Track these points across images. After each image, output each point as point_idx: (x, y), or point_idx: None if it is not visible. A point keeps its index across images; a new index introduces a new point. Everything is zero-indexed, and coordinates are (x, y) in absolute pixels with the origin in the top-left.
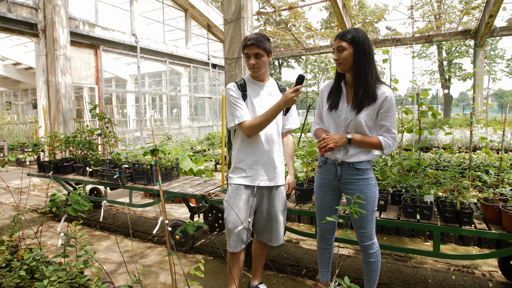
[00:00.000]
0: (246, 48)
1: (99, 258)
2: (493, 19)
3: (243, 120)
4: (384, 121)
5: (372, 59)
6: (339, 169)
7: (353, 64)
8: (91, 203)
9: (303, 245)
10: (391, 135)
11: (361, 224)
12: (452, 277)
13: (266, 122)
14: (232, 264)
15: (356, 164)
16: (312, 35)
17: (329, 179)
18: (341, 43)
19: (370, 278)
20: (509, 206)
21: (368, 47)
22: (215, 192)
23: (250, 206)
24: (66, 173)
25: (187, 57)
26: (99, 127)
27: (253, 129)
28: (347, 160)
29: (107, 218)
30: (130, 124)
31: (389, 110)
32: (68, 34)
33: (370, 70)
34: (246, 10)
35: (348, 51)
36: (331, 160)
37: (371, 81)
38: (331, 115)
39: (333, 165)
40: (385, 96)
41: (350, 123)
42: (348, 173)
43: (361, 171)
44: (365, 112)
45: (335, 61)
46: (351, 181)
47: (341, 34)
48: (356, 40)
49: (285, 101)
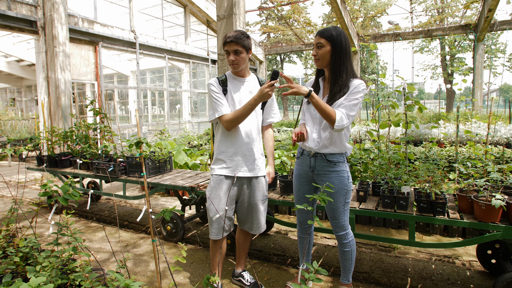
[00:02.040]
0: (226, 45)
1: (93, 248)
2: (492, 13)
3: (222, 114)
4: (347, 100)
5: (348, 56)
6: (313, 160)
7: (330, 61)
8: (82, 194)
9: (291, 236)
10: (349, 113)
11: (334, 215)
12: (432, 266)
13: (244, 116)
14: (215, 251)
15: (329, 156)
16: (312, 30)
17: (304, 170)
18: (320, 40)
19: (345, 266)
20: (480, 196)
21: (345, 45)
22: (205, 184)
23: (231, 196)
24: (64, 167)
25: (187, 53)
26: (93, 122)
27: (232, 122)
28: (320, 151)
29: (103, 210)
30: (131, 120)
31: (355, 94)
32: (67, 31)
33: (346, 66)
34: (238, 6)
35: (326, 48)
36: (306, 151)
37: (345, 77)
38: (308, 108)
39: (308, 156)
40: (355, 85)
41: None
42: (321, 164)
43: (333, 163)
44: (337, 102)
45: (314, 57)
46: (323, 173)
47: (321, 32)
48: (334, 38)
49: (261, 95)
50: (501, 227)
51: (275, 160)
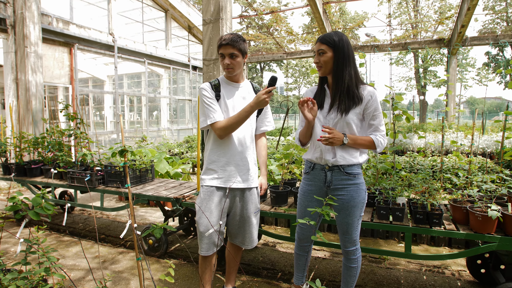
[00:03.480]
0: (221, 48)
1: (67, 265)
2: (464, 29)
3: (215, 121)
4: (372, 120)
5: (352, 62)
6: (329, 174)
7: (333, 68)
8: (56, 207)
9: (280, 248)
10: (381, 132)
11: (347, 229)
12: (424, 277)
13: (238, 124)
14: (204, 267)
15: (347, 168)
16: (293, 39)
17: (317, 185)
18: (321, 47)
19: (348, 282)
20: (476, 207)
21: (348, 51)
22: (190, 195)
23: (223, 208)
24: (33, 176)
25: (167, 59)
26: (69, 127)
27: (225, 130)
28: (337, 163)
29: (77, 222)
30: (107, 126)
31: (376, 109)
32: (40, 31)
33: (349, 72)
34: (225, 11)
35: (328, 54)
36: (319, 165)
37: (350, 84)
38: (321, 113)
39: (322, 171)
40: (370, 96)
41: (338, 123)
42: (339, 178)
43: (352, 175)
44: (352, 112)
45: (316, 64)
46: (341, 187)
47: (322, 38)
48: (336, 44)
49: (257, 102)
50: (497, 238)
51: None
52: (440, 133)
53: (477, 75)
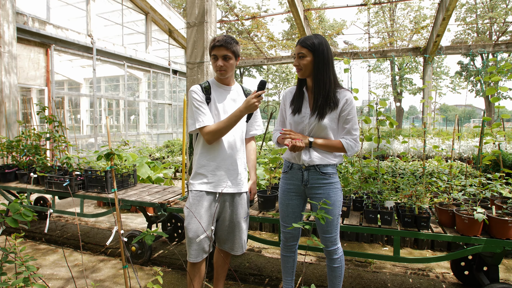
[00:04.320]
0: (214, 49)
1: (44, 274)
2: (440, 38)
3: (204, 125)
4: (345, 123)
5: (331, 65)
6: (306, 174)
7: (313, 71)
8: (35, 214)
9: (265, 253)
10: (353, 136)
11: (327, 229)
12: (410, 280)
13: (228, 128)
14: (193, 275)
15: (322, 168)
16: (274, 45)
17: (295, 184)
18: (301, 50)
19: (334, 284)
20: (462, 210)
21: (327, 54)
22: (175, 200)
23: (212, 213)
24: (7, 181)
25: (147, 62)
26: (47, 130)
27: (214, 135)
28: (313, 163)
29: (54, 230)
30: (83, 130)
31: (350, 112)
32: (14, 30)
33: (329, 76)
34: (210, 14)
35: (308, 58)
36: (297, 165)
37: (329, 87)
38: (294, 119)
39: (299, 170)
40: (345, 99)
41: (314, 128)
42: (315, 177)
43: (327, 175)
44: (328, 117)
45: (296, 67)
46: (317, 186)
47: (302, 41)
48: (316, 48)
49: (247, 106)
50: (482, 240)
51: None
52: (418, 139)
53: (451, 83)
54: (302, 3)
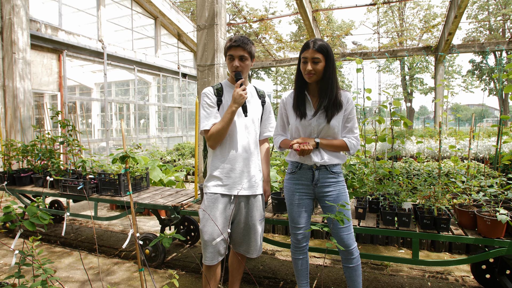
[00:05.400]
0: (231, 50)
1: (60, 277)
2: (452, 37)
3: (205, 128)
4: (347, 122)
5: (336, 69)
6: (317, 173)
7: (324, 75)
8: (51, 217)
9: (279, 256)
10: (354, 135)
11: (344, 228)
12: (428, 283)
13: (224, 129)
14: (209, 278)
15: (332, 167)
16: (282, 47)
17: (304, 184)
18: (316, 55)
19: (356, 282)
20: (483, 211)
21: (334, 60)
22: (188, 202)
23: (228, 216)
24: (23, 185)
25: (157, 66)
26: (61, 135)
27: (215, 139)
28: (326, 163)
29: (69, 233)
30: (95, 134)
31: (352, 111)
32: (28, 37)
33: (336, 80)
34: (220, 17)
35: (322, 63)
36: (306, 165)
37: (336, 91)
38: (301, 124)
39: (309, 170)
40: (347, 100)
41: (323, 129)
42: (325, 176)
43: (336, 174)
44: (336, 118)
45: (308, 72)
46: (327, 184)
47: (318, 47)
48: (329, 53)
49: (234, 100)
50: (506, 242)
51: None
52: (432, 139)
53: (463, 82)
54: (311, 4)
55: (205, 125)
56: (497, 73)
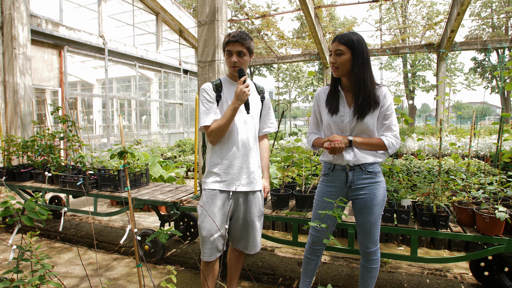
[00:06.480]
0: (229, 45)
1: (59, 272)
2: (454, 34)
3: (205, 124)
4: (385, 119)
5: (369, 64)
6: (351, 174)
7: (352, 70)
8: (50, 212)
9: (278, 252)
10: (393, 133)
11: (370, 229)
12: (427, 280)
13: (226, 125)
14: (207, 274)
15: (368, 166)
16: (284, 43)
17: (337, 186)
18: (339, 47)
19: (368, 284)
20: (482, 208)
21: (366, 53)
22: (188, 199)
23: (226, 212)
24: (23, 180)
25: (158, 62)
26: (61, 130)
27: (214, 136)
28: (359, 162)
29: (69, 228)
30: (96, 130)
31: (389, 108)
32: (28, 32)
33: (369, 75)
34: (221, 13)
35: (346, 55)
36: (340, 166)
37: (370, 87)
38: (333, 119)
39: (343, 171)
40: (384, 95)
41: (356, 127)
42: (361, 177)
43: (373, 174)
44: (370, 115)
45: (331, 64)
46: (363, 186)
47: (340, 37)
48: (355, 45)
49: (237, 97)
50: (505, 240)
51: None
52: (433, 137)
53: (465, 80)
54: (313, 0)
55: (205, 121)
56: (499, 71)
